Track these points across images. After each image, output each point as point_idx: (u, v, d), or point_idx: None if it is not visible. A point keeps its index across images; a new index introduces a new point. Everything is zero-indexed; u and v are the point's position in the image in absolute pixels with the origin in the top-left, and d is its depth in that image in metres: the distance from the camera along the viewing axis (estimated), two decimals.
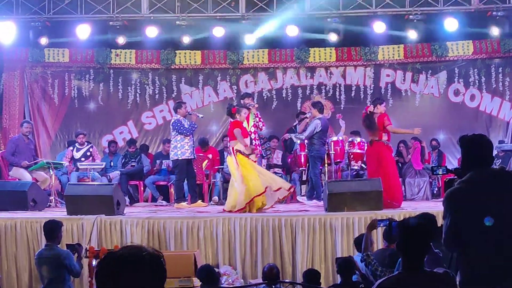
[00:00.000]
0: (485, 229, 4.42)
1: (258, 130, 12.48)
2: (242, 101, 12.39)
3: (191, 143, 12.15)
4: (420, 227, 4.34)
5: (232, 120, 11.42)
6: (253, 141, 11.85)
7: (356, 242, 7.86)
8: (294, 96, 15.65)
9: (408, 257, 4.25)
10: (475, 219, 4.44)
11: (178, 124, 12.06)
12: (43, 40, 14.34)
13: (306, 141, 12.44)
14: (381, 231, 7.98)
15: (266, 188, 10.66)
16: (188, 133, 12.01)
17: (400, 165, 14.54)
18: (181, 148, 12.02)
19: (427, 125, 15.10)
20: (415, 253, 4.23)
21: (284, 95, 15.66)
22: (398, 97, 15.55)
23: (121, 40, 14.46)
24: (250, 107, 12.06)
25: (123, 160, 14.35)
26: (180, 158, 12.01)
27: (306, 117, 12.74)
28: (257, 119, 12.34)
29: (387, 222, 5.83)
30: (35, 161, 12.91)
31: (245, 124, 11.75)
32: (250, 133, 11.87)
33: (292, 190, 11.53)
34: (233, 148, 11.05)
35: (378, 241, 8.97)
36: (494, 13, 13.69)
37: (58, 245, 7.89)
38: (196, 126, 12.35)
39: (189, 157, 12.10)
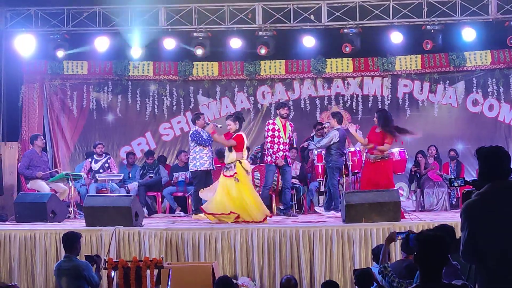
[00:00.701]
0: (502, 241, 4.40)
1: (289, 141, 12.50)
2: (277, 111, 12.34)
3: (210, 154, 12.18)
4: (438, 239, 4.33)
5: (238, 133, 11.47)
6: (282, 152, 11.94)
7: (374, 253, 7.84)
8: (312, 107, 15.65)
9: (426, 269, 4.24)
10: (492, 231, 4.42)
11: (197, 135, 12.10)
12: (62, 53, 14.42)
13: (323, 151, 12.44)
14: (399, 242, 7.95)
15: (231, 212, 10.70)
16: (207, 144, 12.04)
17: (418, 175, 14.49)
18: (200, 159, 12.05)
19: (445, 135, 15.11)
20: (433, 265, 4.22)
21: (302, 106, 15.67)
22: (416, 108, 15.49)
23: (139, 52, 14.52)
24: (284, 117, 12.13)
25: (141, 171, 14.41)
26: (199, 169, 12.03)
27: (325, 127, 12.75)
28: (290, 131, 12.33)
29: (405, 234, 5.82)
30: (50, 172, 13.05)
31: (281, 134, 11.85)
32: (285, 143, 11.96)
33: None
34: (223, 172, 11.15)
35: (396, 252, 8.93)
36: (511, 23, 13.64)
37: (77, 257, 7.92)
38: None
39: (208, 168, 12.13)
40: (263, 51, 14.37)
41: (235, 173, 10.91)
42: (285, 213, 12.14)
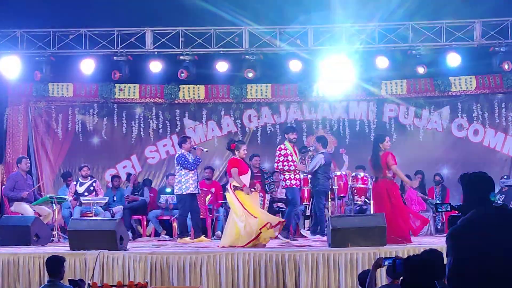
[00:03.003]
0: (488, 267, 4.39)
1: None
2: (286, 136, 12.29)
3: (196, 178, 12.17)
4: (425, 264, 4.33)
5: (232, 156, 11.45)
6: (299, 174, 11.98)
7: (360, 278, 7.80)
8: (299, 131, 15.63)
9: None
10: (478, 257, 4.42)
11: (183, 159, 12.09)
12: (47, 75, 14.37)
13: (309, 176, 12.43)
14: (385, 267, 7.92)
15: (267, 223, 10.65)
16: (192, 168, 12.04)
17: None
18: (186, 182, 12.04)
19: (430, 159, 15.15)
20: None
21: None
22: (403, 132, 15.56)
23: (125, 75, 14.49)
24: (294, 142, 12.16)
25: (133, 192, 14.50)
26: (185, 193, 12.01)
27: (310, 150, 12.78)
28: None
29: (392, 260, 5.80)
30: (34, 189, 12.99)
31: (294, 157, 11.82)
32: (296, 166, 11.91)
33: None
34: (231, 185, 11.07)
35: (382, 277, 8.90)
36: (496, 48, 13.74)
37: (61, 281, 7.83)
38: (200, 160, 12.40)
39: (193, 192, 12.10)
40: (250, 75, 14.37)
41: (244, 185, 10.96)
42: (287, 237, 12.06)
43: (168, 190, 14.02)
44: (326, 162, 12.10)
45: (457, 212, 4.98)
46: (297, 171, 12.02)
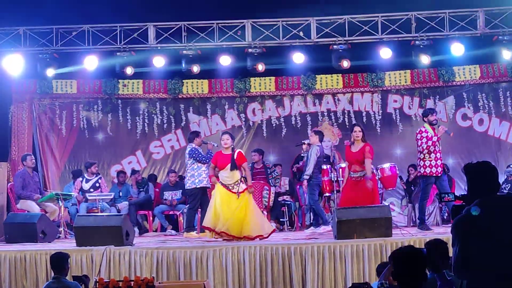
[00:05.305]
0: (493, 256, 4.39)
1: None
2: (425, 119, 11.64)
3: (207, 171, 12.10)
4: (412, 255, 4.39)
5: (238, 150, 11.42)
6: (440, 160, 11.44)
7: (378, 268, 7.77)
8: (303, 123, 15.66)
9: (404, 285, 4.29)
10: (483, 246, 4.41)
11: (196, 152, 12.06)
12: (51, 72, 14.36)
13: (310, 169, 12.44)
14: None
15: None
16: (206, 161, 11.98)
17: (412, 188, 14.47)
18: (199, 176, 12.02)
19: None
20: (410, 282, 4.27)
21: (293, 122, 15.69)
22: (408, 122, 15.53)
23: (128, 70, 14.45)
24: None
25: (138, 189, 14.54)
26: (198, 186, 11.98)
27: (304, 143, 12.78)
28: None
29: None
30: (41, 194, 13.00)
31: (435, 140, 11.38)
32: (440, 151, 11.45)
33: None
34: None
35: None
36: (500, 37, 13.69)
37: (66, 277, 7.86)
38: (212, 154, 12.35)
39: (206, 185, 12.08)
40: (260, 67, 14.29)
41: (246, 188, 10.88)
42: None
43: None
44: (320, 154, 12.10)
45: (461, 202, 4.97)
46: (441, 157, 11.48)
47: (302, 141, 13.08)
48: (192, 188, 12.08)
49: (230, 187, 10.87)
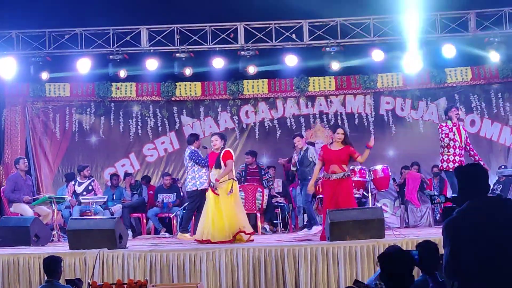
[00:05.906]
0: (483, 258, 4.43)
1: None
2: (447, 116, 11.60)
3: (208, 174, 12.05)
4: (397, 257, 4.42)
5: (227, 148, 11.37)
6: (458, 156, 11.26)
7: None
8: (297, 125, 15.71)
9: (389, 286, 4.33)
10: (473, 248, 4.45)
11: (196, 155, 12.04)
12: (44, 75, 14.35)
13: (295, 169, 12.49)
14: None
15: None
16: (205, 165, 11.94)
17: (405, 190, 14.51)
18: (200, 178, 11.97)
19: (427, 151, 15.13)
20: (396, 282, 4.30)
21: (288, 124, 15.74)
22: (401, 124, 15.59)
23: (121, 73, 14.46)
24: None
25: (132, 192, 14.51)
26: (200, 188, 11.94)
27: (293, 147, 12.81)
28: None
29: None
30: (34, 197, 12.96)
31: (456, 137, 11.29)
32: (460, 148, 11.34)
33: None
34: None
35: None
36: (491, 39, 13.75)
37: (59, 281, 7.86)
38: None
39: (207, 187, 12.04)
40: (252, 70, 14.32)
41: (231, 191, 10.82)
42: None
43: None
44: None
45: (451, 203, 5.02)
46: (460, 153, 11.35)
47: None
48: (193, 190, 12.06)
49: (214, 188, 10.86)
